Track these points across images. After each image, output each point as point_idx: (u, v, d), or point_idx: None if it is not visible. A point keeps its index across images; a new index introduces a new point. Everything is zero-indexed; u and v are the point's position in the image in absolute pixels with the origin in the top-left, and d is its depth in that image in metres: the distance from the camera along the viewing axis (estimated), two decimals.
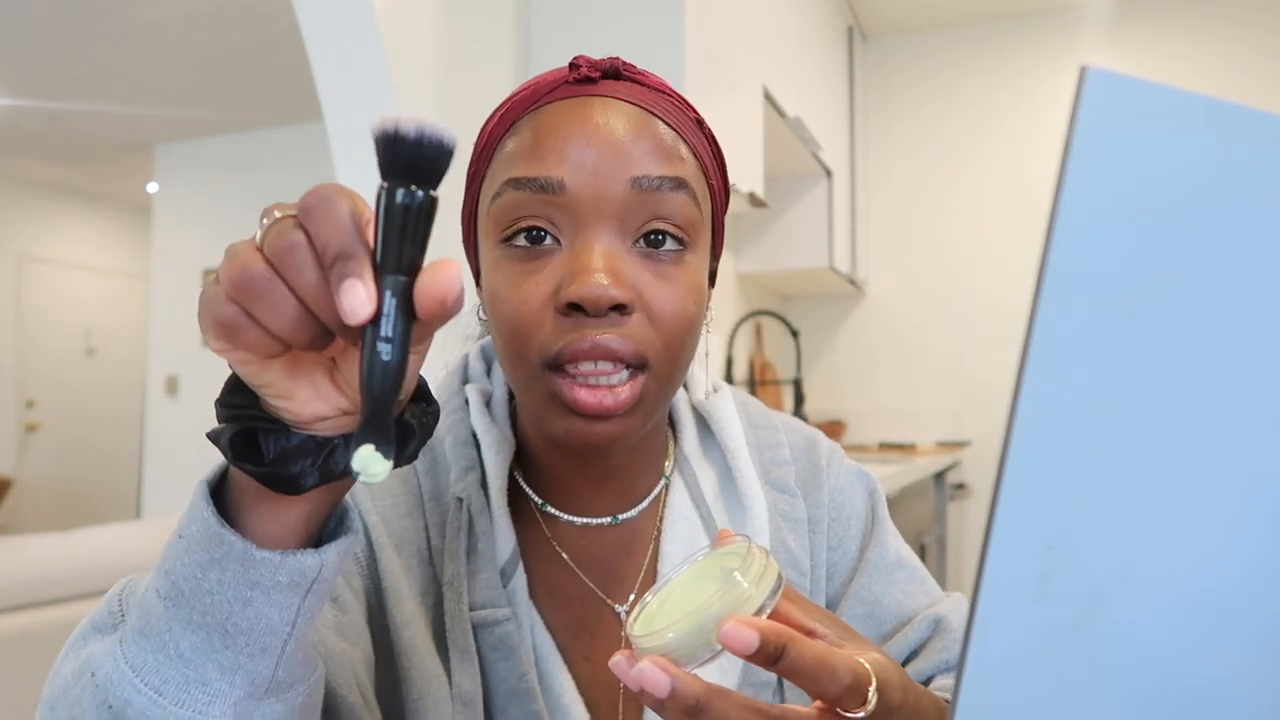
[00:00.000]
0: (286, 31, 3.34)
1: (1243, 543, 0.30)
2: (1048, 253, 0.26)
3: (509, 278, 0.55)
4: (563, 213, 0.54)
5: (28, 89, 4.15)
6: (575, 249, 0.54)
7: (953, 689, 0.28)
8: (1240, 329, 0.29)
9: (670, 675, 0.39)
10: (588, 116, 0.55)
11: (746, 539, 0.46)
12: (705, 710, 0.40)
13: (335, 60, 1.47)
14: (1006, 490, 0.27)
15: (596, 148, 0.54)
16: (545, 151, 0.54)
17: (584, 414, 0.53)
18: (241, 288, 0.35)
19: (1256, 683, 0.31)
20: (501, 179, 0.56)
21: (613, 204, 0.54)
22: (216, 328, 0.36)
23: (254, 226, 0.39)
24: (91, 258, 6.19)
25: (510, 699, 0.57)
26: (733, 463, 0.65)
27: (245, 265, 0.35)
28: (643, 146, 0.55)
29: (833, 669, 0.41)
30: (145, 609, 0.42)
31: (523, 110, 0.58)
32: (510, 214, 0.55)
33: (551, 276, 0.54)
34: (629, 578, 0.63)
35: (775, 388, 3.25)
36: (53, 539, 2.46)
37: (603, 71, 0.58)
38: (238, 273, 0.35)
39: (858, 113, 3.50)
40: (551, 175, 0.53)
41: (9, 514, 5.51)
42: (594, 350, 0.52)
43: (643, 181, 0.54)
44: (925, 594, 0.67)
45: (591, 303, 0.51)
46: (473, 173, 0.60)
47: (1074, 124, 0.26)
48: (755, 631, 0.39)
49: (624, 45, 1.70)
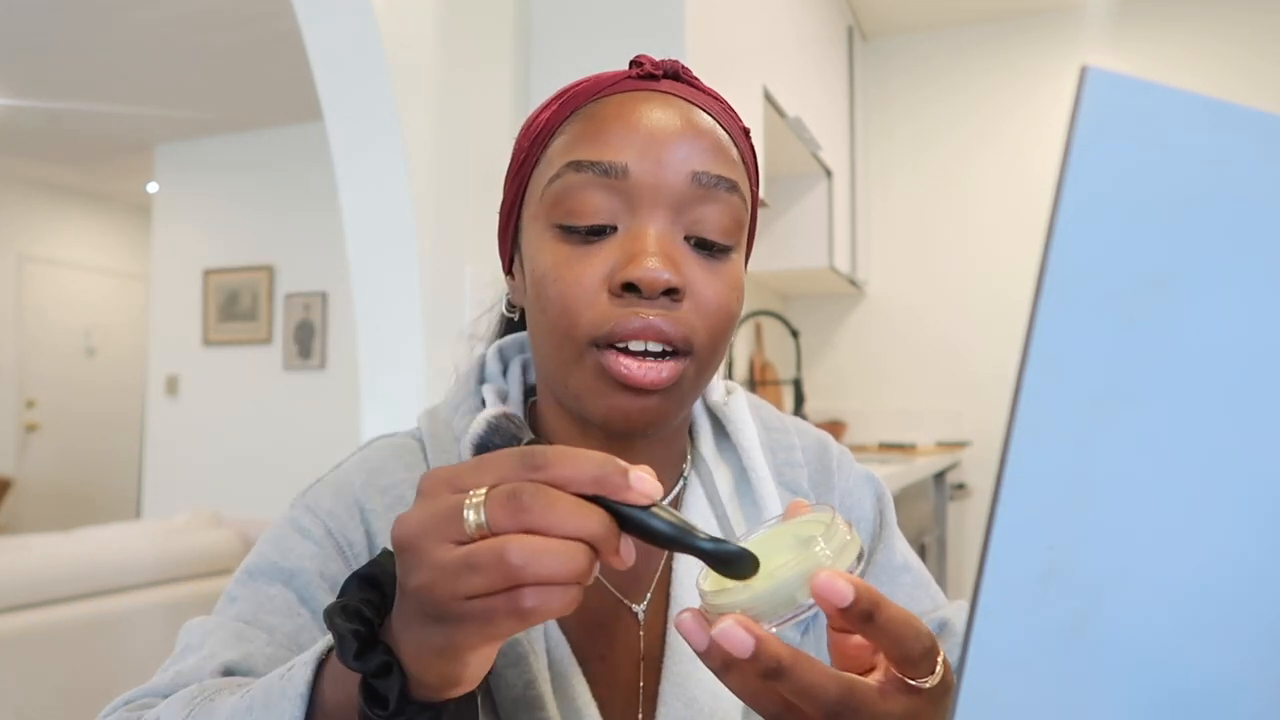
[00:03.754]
0: (286, 31, 3.34)
1: (1243, 542, 0.30)
2: (1048, 252, 0.26)
3: (563, 258, 0.55)
4: (622, 198, 0.55)
5: (28, 89, 4.15)
6: (632, 233, 0.55)
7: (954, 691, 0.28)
8: (1240, 329, 0.29)
9: (755, 635, 0.38)
10: (652, 109, 0.56)
11: (830, 508, 0.45)
12: (788, 672, 0.38)
13: (335, 60, 1.47)
14: (1006, 490, 0.27)
15: (660, 138, 0.55)
16: (610, 137, 0.55)
17: (630, 387, 0.54)
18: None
19: (1257, 683, 0.31)
20: (561, 162, 0.56)
21: (672, 194, 0.55)
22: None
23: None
24: (91, 258, 6.19)
25: (517, 707, 0.56)
26: (748, 463, 0.66)
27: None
28: (703, 144, 0.56)
29: (918, 630, 0.40)
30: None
31: (583, 100, 0.58)
32: (568, 196, 0.55)
33: (607, 259, 0.55)
34: (646, 578, 0.63)
35: (775, 388, 3.25)
36: (53, 539, 2.46)
37: (664, 71, 0.59)
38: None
39: (858, 113, 3.50)
40: (616, 160, 0.55)
41: (9, 514, 5.51)
42: (645, 330, 0.53)
43: (702, 177, 0.55)
44: (930, 598, 0.68)
45: (648, 284, 0.53)
46: (521, 160, 0.60)
47: (1074, 124, 0.26)
48: (850, 585, 0.38)
49: (624, 45, 1.70)
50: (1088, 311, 0.27)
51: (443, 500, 0.37)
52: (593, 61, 1.69)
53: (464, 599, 0.35)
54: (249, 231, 4.58)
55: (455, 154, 1.57)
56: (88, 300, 6.14)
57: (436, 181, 1.51)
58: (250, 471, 4.42)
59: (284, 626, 0.57)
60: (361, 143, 1.48)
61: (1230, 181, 0.28)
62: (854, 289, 3.51)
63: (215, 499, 4.25)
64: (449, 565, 0.36)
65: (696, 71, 0.63)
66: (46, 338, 5.86)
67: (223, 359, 4.62)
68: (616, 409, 0.55)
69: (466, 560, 0.35)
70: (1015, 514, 0.27)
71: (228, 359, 4.61)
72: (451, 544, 0.36)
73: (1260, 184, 0.28)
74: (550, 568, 0.35)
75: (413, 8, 1.49)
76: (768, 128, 2.36)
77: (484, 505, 0.36)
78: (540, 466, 0.36)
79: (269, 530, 0.61)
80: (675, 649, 0.60)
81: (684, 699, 0.58)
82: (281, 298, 4.50)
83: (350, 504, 0.61)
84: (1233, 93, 3.08)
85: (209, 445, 4.58)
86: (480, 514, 0.36)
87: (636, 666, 0.61)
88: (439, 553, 0.36)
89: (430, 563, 0.36)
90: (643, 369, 0.54)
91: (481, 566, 0.35)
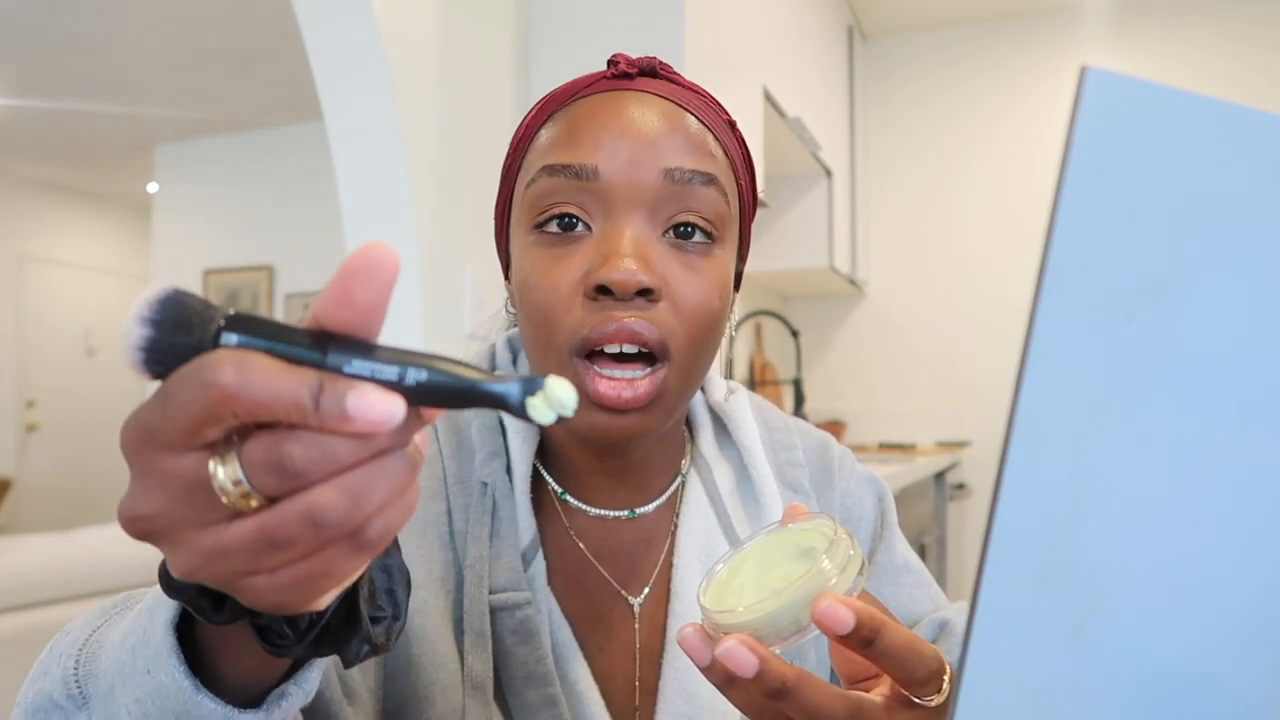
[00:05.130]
0: (286, 31, 3.34)
1: (1243, 542, 0.30)
2: (1048, 253, 0.26)
3: (540, 264, 0.56)
4: (595, 199, 0.55)
5: (28, 89, 4.15)
6: (605, 234, 0.55)
7: (953, 690, 0.28)
8: (1240, 329, 0.29)
9: (759, 655, 0.38)
10: (623, 109, 0.57)
11: (830, 519, 0.45)
12: (792, 693, 0.38)
13: (335, 60, 1.47)
14: (1006, 490, 0.27)
15: (631, 138, 0.55)
16: (580, 140, 0.56)
17: (604, 407, 0.54)
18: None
19: (1257, 682, 0.31)
20: (536, 167, 0.57)
21: (644, 193, 0.55)
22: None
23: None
24: (91, 258, 6.18)
25: (527, 683, 0.57)
26: (749, 461, 0.66)
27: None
28: (675, 140, 0.56)
29: (922, 654, 0.39)
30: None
31: (560, 103, 0.59)
32: (543, 200, 0.56)
33: (581, 262, 0.55)
34: (644, 571, 0.64)
35: (775, 388, 3.25)
36: (53, 539, 2.46)
37: (640, 69, 0.60)
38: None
39: (858, 113, 3.50)
40: (586, 162, 0.55)
41: (9, 514, 5.51)
42: (619, 333, 0.53)
43: (675, 174, 0.55)
44: (931, 599, 0.68)
45: (619, 285, 0.52)
46: (508, 165, 0.61)
47: (1074, 124, 0.26)
48: (851, 612, 0.38)
49: (624, 45, 1.70)
50: (1088, 311, 0.27)
51: (173, 474, 0.28)
52: (593, 62, 1.69)
53: (270, 572, 0.28)
54: (249, 231, 4.58)
55: (455, 154, 1.57)
56: (88, 300, 6.14)
57: (436, 181, 1.51)
58: None
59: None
60: (361, 143, 1.48)
61: (1230, 181, 0.28)
62: (854, 289, 3.51)
63: None
64: (234, 550, 0.28)
65: (697, 71, 0.63)
66: (46, 338, 5.86)
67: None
68: (596, 426, 0.55)
69: (264, 538, 0.27)
70: (1015, 514, 0.27)
71: None
72: (215, 524, 0.28)
73: (1260, 184, 0.28)
74: (379, 497, 0.28)
75: (413, 8, 1.49)
76: (768, 128, 2.36)
77: (239, 465, 0.27)
78: (235, 393, 0.26)
79: None
80: (675, 643, 0.60)
81: (684, 693, 0.59)
82: (282, 298, 4.50)
83: None
84: (1232, 93, 3.08)
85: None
86: (237, 472, 0.27)
87: (633, 658, 0.61)
88: (206, 540, 0.28)
89: (201, 552, 0.28)
90: (615, 389, 0.53)
91: (290, 541, 0.27)
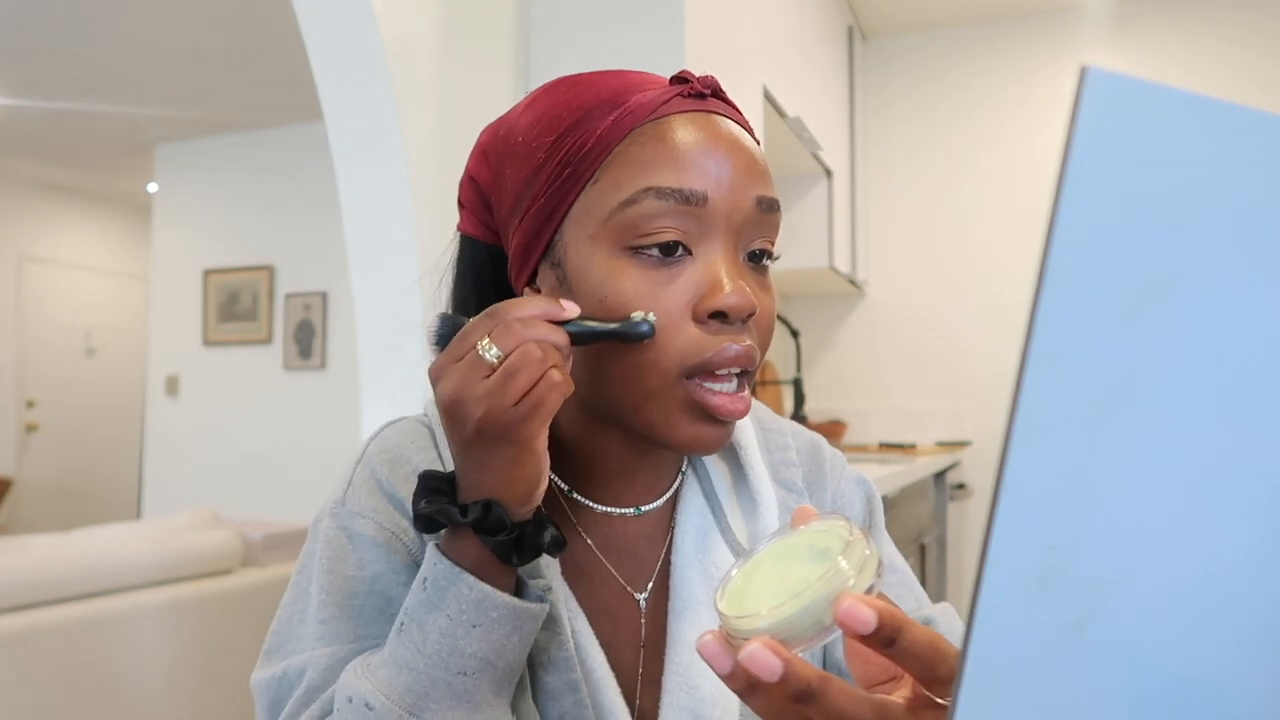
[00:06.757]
0: (286, 31, 3.34)
1: (1243, 542, 0.30)
2: (1048, 252, 0.26)
3: (644, 286, 0.56)
4: (698, 224, 0.56)
5: (28, 89, 4.15)
6: (710, 259, 0.57)
7: (953, 690, 0.28)
8: (1240, 328, 0.29)
9: (783, 659, 0.38)
10: (718, 133, 0.58)
11: (845, 519, 0.44)
12: (817, 695, 0.38)
13: (335, 60, 1.47)
14: (1006, 490, 0.27)
15: (730, 164, 0.57)
16: (686, 164, 0.56)
17: (721, 419, 0.57)
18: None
19: (1257, 682, 0.31)
20: (636, 186, 0.56)
21: (740, 218, 0.57)
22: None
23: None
24: (91, 258, 6.18)
25: (548, 669, 0.58)
26: (745, 460, 0.68)
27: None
28: (759, 168, 0.59)
29: (944, 652, 0.39)
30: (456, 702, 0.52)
31: (641, 119, 0.57)
32: (649, 222, 0.56)
33: (686, 286, 0.56)
34: (648, 568, 0.65)
35: (775, 388, 3.25)
36: (53, 539, 2.46)
37: (710, 89, 0.61)
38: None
39: (858, 113, 3.50)
40: (696, 188, 0.56)
41: (9, 514, 5.51)
42: (739, 357, 0.56)
43: (763, 202, 0.58)
44: (914, 598, 0.70)
45: (737, 311, 0.55)
46: (569, 173, 0.58)
47: (1074, 124, 0.26)
48: (874, 611, 0.38)
49: (624, 45, 1.70)
50: (1088, 311, 0.27)
51: (462, 361, 0.50)
52: (593, 62, 1.69)
53: (513, 405, 0.48)
54: (249, 231, 4.58)
55: (455, 154, 1.57)
56: (88, 300, 6.14)
57: (436, 181, 1.51)
58: (250, 472, 4.42)
59: (385, 631, 0.58)
60: (361, 143, 1.48)
61: (1230, 181, 0.28)
62: (854, 289, 3.51)
63: (215, 499, 4.24)
64: (494, 387, 0.48)
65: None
66: (46, 338, 5.86)
67: (223, 359, 4.62)
68: (700, 438, 0.58)
69: (506, 373, 0.48)
70: (1015, 514, 0.27)
71: (228, 359, 4.61)
72: (484, 378, 0.49)
73: (1260, 184, 0.28)
74: (554, 346, 0.50)
75: (413, 8, 1.49)
76: (768, 128, 2.36)
77: (491, 344, 0.49)
78: (505, 311, 0.50)
79: (317, 551, 0.61)
80: (677, 638, 0.62)
81: (687, 687, 0.61)
82: (281, 298, 4.50)
83: (386, 497, 0.62)
84: (1233, 93, 3.08)
85: (209, 445, 4.58)
86: (492, 349, 0.49)
87: (638, 651, 0.63)
88: (481, 387, 0.49)
89: (480, 396, 0.48)
90: (733, 401, 0.57)
91: (519, 369, 0.48)
